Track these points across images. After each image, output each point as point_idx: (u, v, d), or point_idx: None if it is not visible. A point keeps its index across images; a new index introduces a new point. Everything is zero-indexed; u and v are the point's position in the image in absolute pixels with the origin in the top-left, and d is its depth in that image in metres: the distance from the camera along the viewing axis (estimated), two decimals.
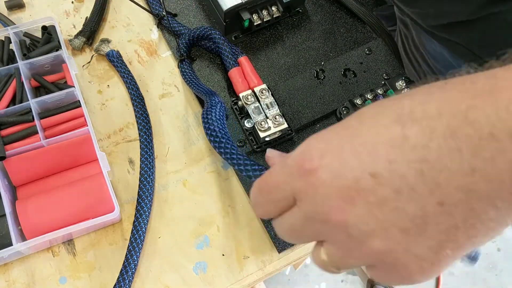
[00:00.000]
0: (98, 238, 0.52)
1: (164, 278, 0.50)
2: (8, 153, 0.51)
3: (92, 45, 0.62)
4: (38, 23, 0.59)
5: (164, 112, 0.59)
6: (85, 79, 0.61)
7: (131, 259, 0.49)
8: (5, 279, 0.49)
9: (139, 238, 0.50)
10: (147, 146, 0.55)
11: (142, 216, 0.51)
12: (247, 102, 0.54)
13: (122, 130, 0.58)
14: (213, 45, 0.60)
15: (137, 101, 0.58)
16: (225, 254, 0.52)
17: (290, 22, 0.64)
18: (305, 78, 0.59)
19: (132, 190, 0.54)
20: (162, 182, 0.55)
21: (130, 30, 0.64)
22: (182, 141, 0.57)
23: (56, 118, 0.55)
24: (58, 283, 0.49)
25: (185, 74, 0.58)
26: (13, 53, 0.59)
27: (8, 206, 0.49)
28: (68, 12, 0.65)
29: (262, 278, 0.52)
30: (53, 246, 0.51)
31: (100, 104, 0.59)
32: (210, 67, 0.61)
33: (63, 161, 0.54)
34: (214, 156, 0.57)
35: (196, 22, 0.64)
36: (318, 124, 0.57)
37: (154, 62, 0.62)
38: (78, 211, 0.50)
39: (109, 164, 0.54)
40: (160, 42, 0.63)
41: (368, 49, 0.62)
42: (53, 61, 0.58)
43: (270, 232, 0.52)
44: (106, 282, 0.50)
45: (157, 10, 0.63)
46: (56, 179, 0.54)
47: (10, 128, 0.53)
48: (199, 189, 0.55)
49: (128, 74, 0.60)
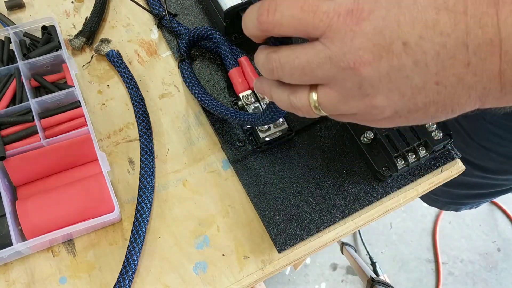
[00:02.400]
0: (98, 238, 0.52)
1: (164, 278, 0.50)
2: (8, 153, 0.51)
3: (92, 45, 0.62)
4: (38, 23, 0.59)
5: (164, 112, 0.59)
6: (85, 79, 0.61)
7: (131, 259, 0.49)
8: (5, 279, 0.49)
9: (139, 238, 0.50)
10: (147, 146, 0.55)
11: (142, 216, 0.51)
12: (247, 102, 0.54)
13: (122, 130, 0.58)
14: (213, 45, 0.60)
15: (137, 101, 0.58)
16: (225, 254, 0.52)
17: None
18: None
19: (132, 190, 0.54)
20: (162, 182, 0.55)
21: (130, 30, 0.64)
22: (182, 141, 0.57)
23: (56, 118, 0.55)
24: (58, 283, 0.50)
25: (185, 75, 0.58)
26: (13, 53, 0.59)
27: (8, 206, 0.49)
28: (68, 12, 0.65)
29: (262, 278, 0.52)
30: (53, 246, 0.51)
31: (100, 104, 0.59)
32: (210, 67, 0.61)
33: (63, 161, 0.54)
34: (214, 156, 0.57)
35: (196, 22, 0.64)
36: (318, 124, 0.57)
37: (154, 62, 0.62)
38: (78, 211, 0.50)
39: (109, 164, 0.54)
40: (160, 42, 0.63)
41: None
42: (53, 61, 0.58)
43: (270, 232, 0.52)
44: (106, 282, 0.50)
45: (157, 10, 0.63)
46: (56, 179, 0.54)
47: (10, 128, 0.53)
48: (199, 189, 0.55)
49: (128, 74, 0.60)
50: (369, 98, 0.28)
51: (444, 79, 0.26)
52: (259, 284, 1.18)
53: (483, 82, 0.25)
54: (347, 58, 0.27)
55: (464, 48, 0.25)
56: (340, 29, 0.27)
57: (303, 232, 0.52)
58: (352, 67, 0.27)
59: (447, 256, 1.47)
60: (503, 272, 1.45)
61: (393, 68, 0.26)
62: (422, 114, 0.28)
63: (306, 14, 0.27)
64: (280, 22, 0.28)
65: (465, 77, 0.25)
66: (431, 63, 0.25)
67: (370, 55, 0.26)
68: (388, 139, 0.53)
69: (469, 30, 0.25)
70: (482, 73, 0.25)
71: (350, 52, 0.26)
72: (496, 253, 1.48)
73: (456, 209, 1.04)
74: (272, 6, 0.28)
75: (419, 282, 1.44)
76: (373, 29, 0.26)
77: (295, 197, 0.53)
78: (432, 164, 0.56)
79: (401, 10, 0.26)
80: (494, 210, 1.55)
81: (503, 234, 1.51)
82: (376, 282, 1.07)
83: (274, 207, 0.53)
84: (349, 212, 0.53)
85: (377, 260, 1.41)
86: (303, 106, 0.30)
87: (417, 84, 0.26)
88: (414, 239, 1.49)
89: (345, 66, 0.27)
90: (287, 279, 1.40)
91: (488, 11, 0.24)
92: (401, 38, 0.25)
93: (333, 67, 0.27)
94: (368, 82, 0.27)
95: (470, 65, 0.25)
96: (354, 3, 0.26)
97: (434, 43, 0.25)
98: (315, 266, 1.43)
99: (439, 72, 0.26)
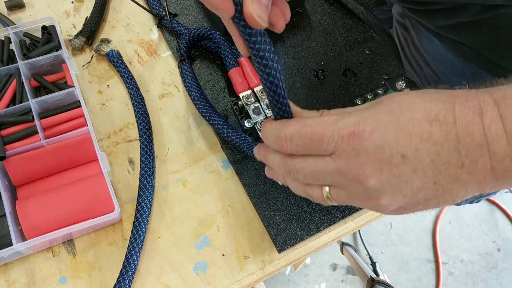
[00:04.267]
0: (98, 238, 0.52)
1: (164, 278, 0.50)
2: (8, 153, 0.51)
3: (92, 45, 0.62)
4: (38, 23, 0.59)
5: (164, 112, 0.59)
6: (85, 79, 0.61)
7: (131, 259, 0.49)
8: (5, 279, 0.49)
9: (139, 238, 0.50)
10: (147, 146, 0.55)
11: (142, 216, 0.51)
12: (247, 102, 0.54)
13: (122, 130, 0.58)
14: (213, 45, 0.60)
15: (137, 101, 0.58)
16: (225, 254, 0.52)
17: (290, 22, 0.64)
18: (305, 78, 0.59)
19: (132, 190, 0.54)
20: (162, 182, 0.55)
21: (130, 30, 0.64)
22: (182, 141, 0.57)
23: (56, 118, 0.55)
24: (58, 283, 0.49)
25: (184, 76, 0.58)
26: (13, 53, 0.59)
27: (8, 206, 0.49)
28: (68, 12, 0.65)
29: (262, 278, 0.52)
30: (53, 246, 0.51)
31: (100, 104, 0.59)
32: (210, 67, 0.61)
33: (63, 161, 0.54)
34: (214, 156, 0.57)
35: (196, 22, 0.64)
36: None
37: (154, 62, 0.62)
38: (78, 211, 0.50)
39: (109, 164, 0.54)
40: (160, 42, 0.63)
41: (368, 49, 0.62)
42: (53, 61, 0.58)
43: (270, 232, 0.52)
44: (106, 282, 0.50)
45: (157, 10, 0.63)
46: (56, 179, 0.54)
47: (10, 128, 0.53)
48: (199, 189, 0.55)
49: (128, 74, 0.59)
50: (374, 199, 0.31)
51: (441, 179, 0.29)
52: (259, 284, 1.18)
53: (478, 178, 0.29)
54: (352, 172, 0.30)
55: (457, 153, 0.28)
56: (344, 149, 0.31)
57: (303, 232, 0.52)
58: (358, 179, 0.30)
59: (447, 256, 1.47)
60: (503, 272, 1.45)
61: (394, 175, 0.30)
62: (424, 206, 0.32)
63: (316, 143, 0.32)
64: (297, 149, 0.33)
65: (460, 176, 0.29)
66: (427, 169, 0.29)
67: (373, 168, 0.30)
68: None
69: (459, 138, 0.28)
70: (476, 171, 0.29)
71: (354, 167, 0.30)
72: (496, 253, 1.48)
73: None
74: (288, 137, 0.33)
75: (419, 282, 1.44)
76: (374, 147, 0.30)
77: (295, 197, 0.53)
78: None
79: (399, 126, 0.29)
80: (494, 210, 1.55)
81: (503, 234, 1.51)
82: (376, 282, 1.07)
83: (274, 207, 0.53)
84: (349, 212, 0.53)
85: (377, 260, 1.41)
86: (317, 198, 0.34)
87: (417, 186, 0.30)
88: (414, 239, 1.49)
89: (351, 178, 0.31)
90: (287, 279, 1.40)
91: (474, 120, 0.28)
92: (399, 151, 0.29)
93: (341, 177, 0.31)
94: (372, 189, 0.31)
95: (464, 166, 0.29)
96: (355, 125, 0.30)
97: (429, 152, 0.29)
98: (315, 266, 1.43)
99: (436, 175, 0.29)
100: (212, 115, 0.55)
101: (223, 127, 0.54)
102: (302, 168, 0.33)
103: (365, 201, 0.32)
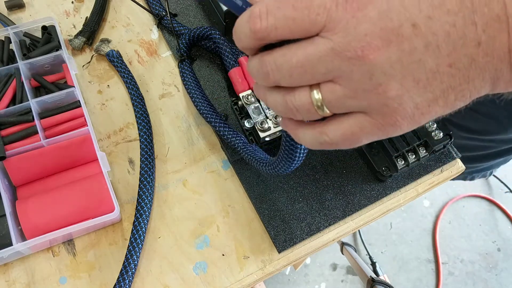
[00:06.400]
0: (98, 238, 0.52)
1: (164, 278, 0.50)
2: (8, 153, 0.51)
3: (92, 45, 0.62)
4: (38, 23, 0.59)
5: (164, 112, 0.59)
6: (85, 79, 0.61)
7: (131, 259, 0.49)
8: (5, 279, 0.49)
9: (139, 238, 0.50)
10: (147, 146, 0.55)
11: (142, 216, 0.51)
12: (247, 102, 0.54)
13: (122, 130, 0.58)
14: (213, 45, 0.60)
15: (137, 101, 0.58)
16: (225, 254, 0.52)
17: None
18: None
19: (132, 190, 0.54)
20: (162, 182, 0.55)
21: (130, 30, 0.64)
22: (182, 141, 0.57)
23: (56, 118, 0.55)
24: (58, 283, 0.49)
25: (184, 76, 0.58)
26: (13, 53, 0.59)
27: (8, 206, 0.49)
28: (68, 12, 0.65)
29: (262, 278, 0.52)
30: (53, 246, 0.51)
31: (100, 104, 0.59)
32: (210, 67, 0.61)
33: (63, 161, 0.54)
34: (214, 156, 0.57)
35: (196, 22, 0.64)
36: None
37: (154, 62, 0.62)
38: (78, 211, 0.50)
39: (109, 164, 0.54)
40: (160, 42, 0.63)
41: None
42: (53, 61, 0.58)
43: (270, 232, 0.52)
44: (106, 282, 0.50)
45: (157, 10, 0.63)
46: (56, 179, 0.54)
47: (10, 128, 0.53)
48: (199, 189, 0.55)
49: (128, 74, 0.60)
50: (382, 87, 0.25)
51: (457, 60, 0.25)
52: (259, 284, 1.18)
53: (494, 62, 0.25)
54: (353, 47, 0.24)
55: (473, 26, 0.24)
56: (341, 18, 0.24)
57: (303, 232, 0.52)
58: (360, 55, 0.24)
59: (447, 256, 1.47)
60: (503, 272, 1.45)
61: (404, 52, 0.24)
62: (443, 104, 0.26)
63: (300, 11, 0.25)
64: (275, 25, 0.26)
65: (477, 57, 0.24)
66: (442, 44, 0.24)
67: (379, 40, 0.24)
68: (388, 139, 0.53)
69: (475, 8, 0.24)
70: (493, 52, 0.24)
71: (355, 40, 0.24)
72: (496, 253, 1.48)
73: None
74: (263, 11, 0.26)
75: (419, 282, 1.44)
76: (378, 13, 0.24)
77: (295, 197, 0.53)
78: (432, 164, 0.56)
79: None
80: (494, 210, 1.55)
81: (503, 234, 1.51)
82: (376, 282, 1.07)
83: (274, 207, 0.53)
84: (349, 212, 0.53)
85: (377, 260, 1.41)
86: (302, 105, 0.27)
87: (431, 68, 0.25)
88: (414, 239, 1.49)
89: (351, 55, 0.25)
90: (287, 279, 1.40)
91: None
92: (409, 20, 0.24)
93: (337, 59, 0.25)
94: (380, 69, 0.25)
95: (481, 44, 0.24)
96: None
97: (443, 22, 0.24)
98: (315, 266, 1.43)
99: (451, 54, 0.24)
100: (212, 115, 0.55)
101: (222, 127, 0.54)
102: (284, 62, 0.26)
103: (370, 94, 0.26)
